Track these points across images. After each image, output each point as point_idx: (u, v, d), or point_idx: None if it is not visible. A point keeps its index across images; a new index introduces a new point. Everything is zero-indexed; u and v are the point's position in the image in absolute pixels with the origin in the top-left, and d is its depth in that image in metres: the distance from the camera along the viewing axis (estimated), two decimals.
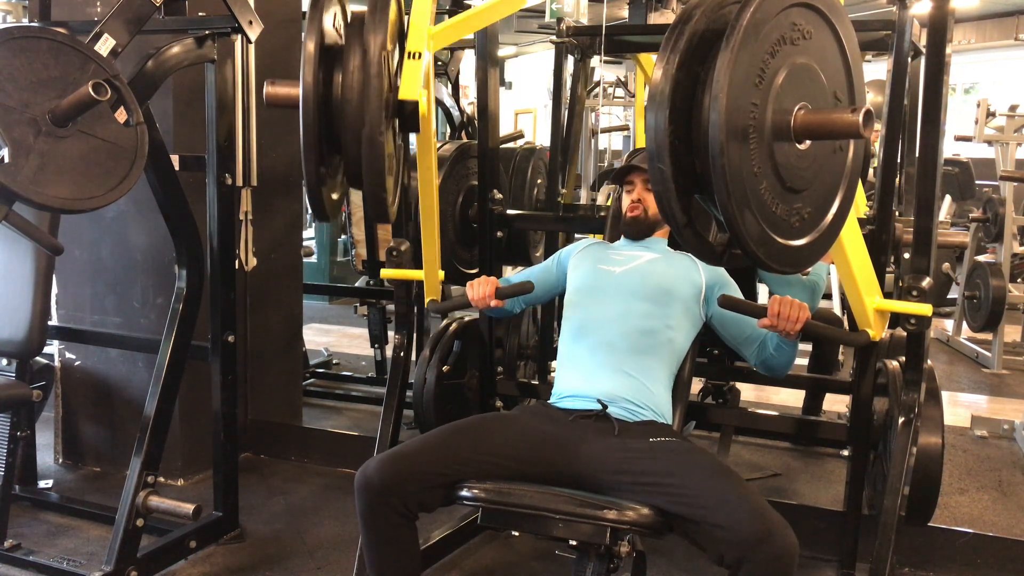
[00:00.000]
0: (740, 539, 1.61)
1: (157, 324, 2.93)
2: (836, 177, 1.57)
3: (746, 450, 3.56)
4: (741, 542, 1.60)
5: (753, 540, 1.59)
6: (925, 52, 2.05)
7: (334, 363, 4.89)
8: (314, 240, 6.57)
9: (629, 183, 2.28)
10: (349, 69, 1.73)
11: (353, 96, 1.72)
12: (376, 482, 1.79)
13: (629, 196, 2.29)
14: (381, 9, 1.72)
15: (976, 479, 3.37)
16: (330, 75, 1.76)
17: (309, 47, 1.69)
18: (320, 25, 1.74)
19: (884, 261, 2.33)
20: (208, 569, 2.50)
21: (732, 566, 1.64)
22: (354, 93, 1.72)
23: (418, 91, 1.85)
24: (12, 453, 2.51)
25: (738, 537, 1.61)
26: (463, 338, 2.92)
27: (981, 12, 13.44)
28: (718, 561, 1.66)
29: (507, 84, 12.38)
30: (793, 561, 1.61)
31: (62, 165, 1.75)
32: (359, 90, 1.71)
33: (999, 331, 5.08)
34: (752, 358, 2.15)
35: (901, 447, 2.08)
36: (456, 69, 4.72)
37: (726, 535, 1.63)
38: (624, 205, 2.30)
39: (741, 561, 1.61)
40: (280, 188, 3.42)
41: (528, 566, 2.56)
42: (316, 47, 1.70)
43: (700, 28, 1.43)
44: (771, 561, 1.59)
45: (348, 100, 1.73)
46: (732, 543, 1.62)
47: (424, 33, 1.95)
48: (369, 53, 1.70)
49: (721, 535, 1.64)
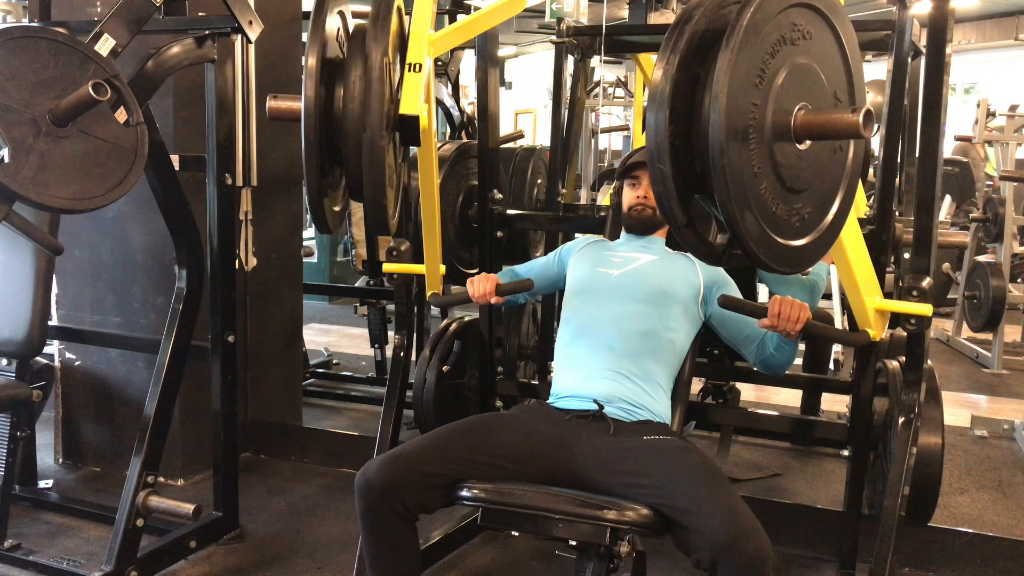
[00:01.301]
0: (711, 543, 1.59)
1: (157, 324, 2.93)
2: (836, 177, 1.57)
3: (746, 450, 3.56)
4: (712, 546, 1.59)
5: (724, 544, 1.58)
6: (925, 52, 2.05)
7: (334, 363, 4.89)
8: (314, 240, 6.57)
9: (634, 178, 2.28)
10: (350, 84, 1.75)
11: (354, 110, 1.74)
12: (377, 483, 1.79)
13: (634, 191, 2.27)
14: (382, 22, 1.73)
15: (976, 479, 3.36)
16: (331, 88, 1.78)
17: (311, 62, 1.71)
18: (322, 38, 1.75)
19: (884, 261, 2.33)
20: (208, 569, 2.50)
21: (707, 570, 1.63)
22: (355, 107, 1.74)
23: (419, 106, 1.85)
24: (12, 453, 2.51)
25: (709, 541, 1.60)
26: (463, 338, 2.92)
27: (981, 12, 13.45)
28: (695, 564, 1.66)
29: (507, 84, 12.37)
30: (767, 565, 1.59)
31: (62, 165, 1.75)
32: (360, 104, 1.73)
33: (999, 331, 5.08)
34: (751, 357, 2.15)
35: (901, 447, 2.08)
36: (456, 69, 4.71)
37: (699, 539, 1.62)
38: (628, 199, 2.29)
39: (715, 564, 1.60)
40: (280, 188, 3.41)
41: (528, 566, 2.56)
42: (318, 62, 1.72)
43: (700, 28, 1.43)
44: (744, 565, 1.57)
45: (349, 114, 1.75)
46: (704, 547, 1.61)
47: (424, 43, 1.95)
48: (370, 68, 1.71)
49: (695, 539, 1.63)
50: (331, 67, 1.79)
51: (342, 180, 1.93)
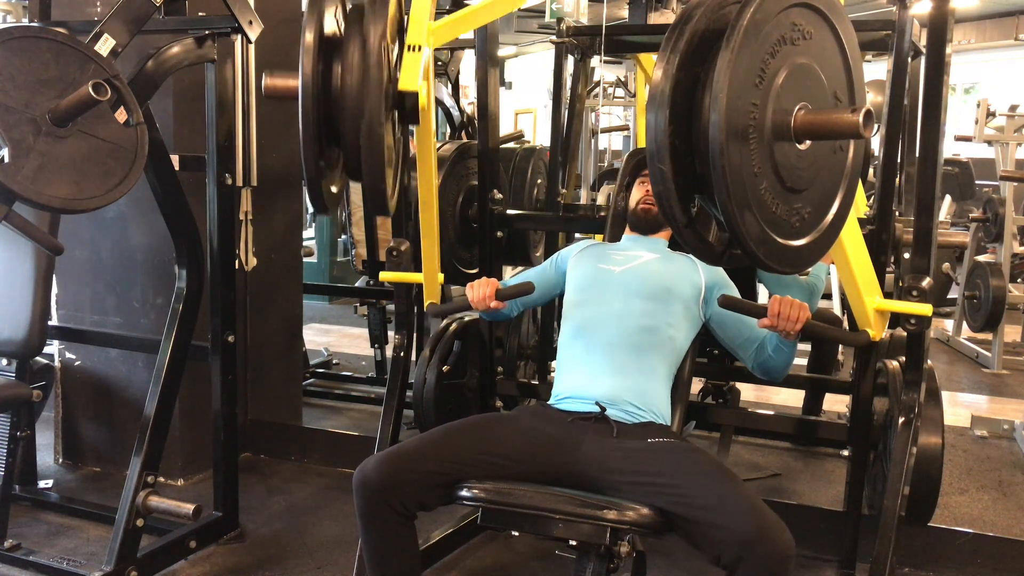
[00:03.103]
0: (737, 539, 1.60)
1: (157, 324, 2.93)
2: (836, 177, 1.57)
3: (746, 450, 3.56)
4: (738, 542, 1.60)
5: (750, 539, 1.59)
6: (925, 52, 2.05)
7: (334, 363, 4.89)
8: (314, 240, 6.58)
9: (646, 175, 2.28)
10: (348, 60, 1.70)
11: (353, 87, 1.70)
12: (374, 481, 1.80)
13: (643, 188, 2.30)
14: (380, 2, 1.72)
15: (976, 479, 3.37)
16: (329, 66, 1.74)
17: (308, 37, 1.67)
18: (320, 15, 1.72)
19: (884, 261, 2.33)
20: (208, 569, 2.50)
21: (729, 566, 1.63)
22: (354, 84, 1.69)
23: (418, 82, 1.83)
24: (12, 453, 2.51)
25: (735, 537, 1.61)
26: (463, 338, 2.92)
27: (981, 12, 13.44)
28: (715, 561, 1.66)
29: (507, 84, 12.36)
30: (790, 560, 1.61)
31: (62, 165, 1.75)
32: (359, 81, 1.69)
33: (999, 331, 5.08)
34: (749, 360, 2.15)
35: (901, 447, 2.08)
36: (456, 69, 4.71)
37: (723, 535, 1.63)
38: (636, 196, 2.30)
39: (738, 561, 1.61)
40: (280, 188, 3.41)
41: (528, 566, 2.56)
42: (315, 37, 1.69)
43: (700, 28, 1.43)
44: (768, 560, 1.59)
45: (348, 91, 1.70)
46: (729, 543, 1.62)
47: (424, 26, 1.94)
48: (369, 43, 1.67)
49: (718, 535, 1.64)
50: (329, 45, 1.74)
51: (340, 160, 1.91)
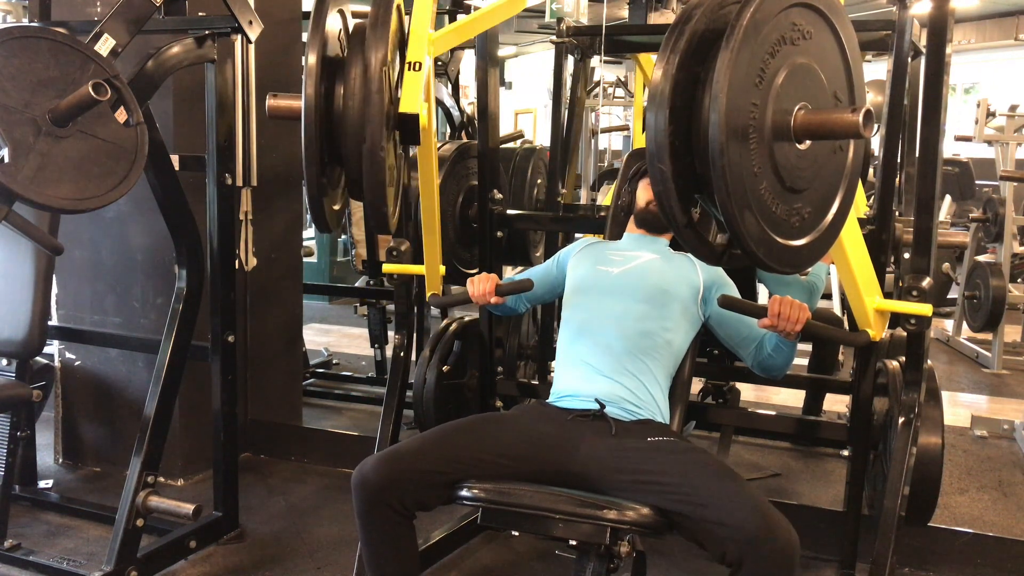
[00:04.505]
0: (743, 536, 1.61)
1: (157, 324, 2.93)
2: (836, 177, 1.57)
3: (746, 450, 3.56)
4: (743, 539, 1.61)
5: (756, 537, 1.59)
6: (925, 52, 2.05)
7: (334, 363, 4.89)
8: (314, 240, 6.57)
9: None
10: (350, 82, 1.74)
11: (354, 109, 1.74)
12: (373, 480, 1.80)
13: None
14: (382, 22, 1.73)
15: (976, 479, 3.37)
16: (331, 87, 1.78)
17: (311, 61, 1.71)
18: (322, 37, 1.74)
19: (884, 261, 2.33)
20: (208, 569, 2.50)
21: (734, 564, 1.64)
22: (355, 106, 1.73)
23: (418, 104, 1.85)
24: (12, 453, 2.51)
25: (740, 534, 1.61)
26: (463, 338, 2.92)
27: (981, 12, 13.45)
28: (719, 559, 1.66)
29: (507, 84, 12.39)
30: (795, 558, 1.62)
31: (62, 165, 1.75)
32: (360, 104, 1.72)
33: (999, 331, 5.08)
34: (749, 359, 2.15)
35: (901, 447, 2.08)
36: (456, 69, 4.71)
37: (728, 532, 1.63)
38: (645, 196, 2.28)
39: (743, 558, 1.61)
40: (280, 188, 3.41)
41: (528, 566, 2.56)
42: (318, 60, 1.72)
43: (700, 28, 1.43)
44: (773, 558, 1.59)
45: (349, 113, 1.75)
46: (734, 540, 1.62)
47: (424, 42, 1.94)
48: (370, 68, 1.71)
49: (723, 532, 1.64)
50: (331, 66, 1.79)
51: (342, 178, 1.93)
